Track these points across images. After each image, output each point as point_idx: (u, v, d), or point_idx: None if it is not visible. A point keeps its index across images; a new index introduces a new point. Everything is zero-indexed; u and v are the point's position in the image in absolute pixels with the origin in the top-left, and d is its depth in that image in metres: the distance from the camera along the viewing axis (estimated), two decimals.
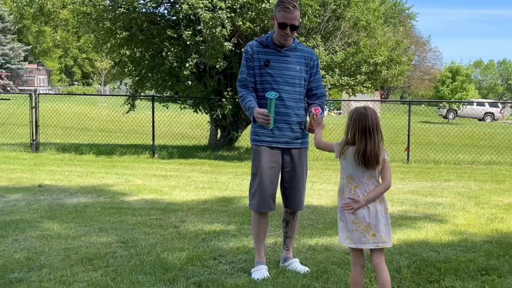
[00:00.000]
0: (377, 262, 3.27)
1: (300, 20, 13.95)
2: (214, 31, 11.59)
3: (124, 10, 12.44)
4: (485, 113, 40.00)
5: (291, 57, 4.03)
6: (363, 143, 3.18)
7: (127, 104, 14.63)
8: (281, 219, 4.35)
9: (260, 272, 3.97)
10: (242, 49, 9.71)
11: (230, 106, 12.73)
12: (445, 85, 40.75)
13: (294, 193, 4.11)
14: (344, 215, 3.27)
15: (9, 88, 48.06)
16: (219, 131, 14.68)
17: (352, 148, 3.23)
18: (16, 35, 57.63)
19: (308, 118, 4.07)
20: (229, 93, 12.75)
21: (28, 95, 13.96)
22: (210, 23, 11.60)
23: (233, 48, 12.01)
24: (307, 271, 4.10)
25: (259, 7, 11.75)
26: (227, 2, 11.88)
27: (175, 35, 12.61)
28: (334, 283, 3.84)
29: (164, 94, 14.98)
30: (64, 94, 37.28)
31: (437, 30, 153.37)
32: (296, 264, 4.20)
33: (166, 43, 12.92)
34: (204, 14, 11.56)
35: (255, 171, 4.05)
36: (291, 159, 4.06)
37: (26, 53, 60.49)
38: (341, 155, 3.30)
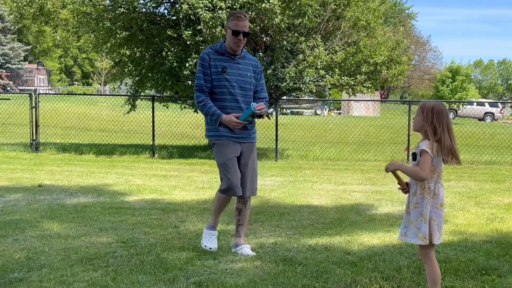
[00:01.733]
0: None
1: (300, 20, 13.66)
2: (214, 31, 11.59)
3: (124, 10, 12.44)
4: (485, 113, 39.97)
5: (242, 64, 4.60)
6: (449, 139, 3.27)
7: (128, 105, 14.64)
8: (235, 207, 4.77)
9: (212, 241, 4.56)
10: None
11: None
12: (445, 85, 40.69)
13: (249, 183, 4.64)
14: (437, 215, 3.34)
15: (9, 88, 48.06)
16: None
17: (436, 144, 3.29)
18: (16, 35, 57.54)
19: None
20: None
21: (28, 95, 13.96)
22: (210, 23, 11.60)
23: None
24: (253, 255, 4.48)
25: (259, 7, 11.75)
26: (227, 2, 11.87)
27: (175, 35, 12.60)
28: (334, 283, 3.84)
29: (164, 94, 14.98)
30: (64, 94, 37.19)
31: (437, 30, 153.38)
32: (246, 249, 4.57)
33: (166, 43, 12.91)
34: (204, 14, 11.56)
35: (222, 161, 4.55)
36: (246, 152, 4.62)
37: (26, 53, 60.44)
38: (435, 153, 3.32)
